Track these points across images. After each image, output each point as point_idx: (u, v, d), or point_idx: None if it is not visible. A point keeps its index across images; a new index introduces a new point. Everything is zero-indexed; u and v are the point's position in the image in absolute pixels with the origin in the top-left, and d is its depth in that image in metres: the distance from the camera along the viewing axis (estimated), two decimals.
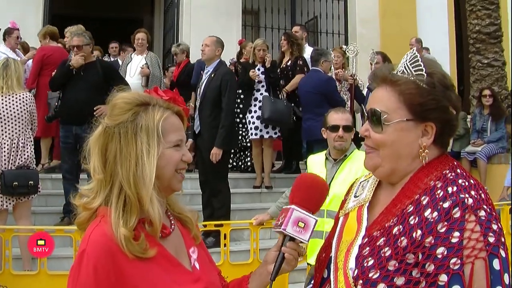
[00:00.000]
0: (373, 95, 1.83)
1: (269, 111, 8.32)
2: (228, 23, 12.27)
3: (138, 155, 1.75)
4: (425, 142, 1.73)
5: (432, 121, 1.72)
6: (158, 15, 16.04)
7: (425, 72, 1.72)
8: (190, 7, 12.32)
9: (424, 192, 1.67)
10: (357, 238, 1.77)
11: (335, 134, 4.33)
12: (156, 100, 1.84)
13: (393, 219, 1.68)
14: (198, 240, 2.01)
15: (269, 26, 12.82)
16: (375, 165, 1.79)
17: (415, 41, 11.52)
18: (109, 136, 1.79)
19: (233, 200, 8.29)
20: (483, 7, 11.13)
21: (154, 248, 1.74)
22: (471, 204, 1.58)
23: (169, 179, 1.82)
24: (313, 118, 8.18)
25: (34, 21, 11.20)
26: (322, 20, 13.49)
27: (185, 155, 1.86)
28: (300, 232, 1.83)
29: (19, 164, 6.05)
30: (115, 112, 1.81)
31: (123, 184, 1.74)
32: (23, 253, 5.75)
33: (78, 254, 1.71)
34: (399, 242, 1.61)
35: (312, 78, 8.39)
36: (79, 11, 15.71)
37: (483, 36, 11.08)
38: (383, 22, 13.40)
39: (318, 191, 1.94)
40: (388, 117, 1.73)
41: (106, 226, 1.71)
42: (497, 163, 9.13)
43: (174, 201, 1.99)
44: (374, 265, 1.63)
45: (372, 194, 1.89)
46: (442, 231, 1.55)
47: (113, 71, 7.54)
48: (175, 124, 1.85)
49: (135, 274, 1.69)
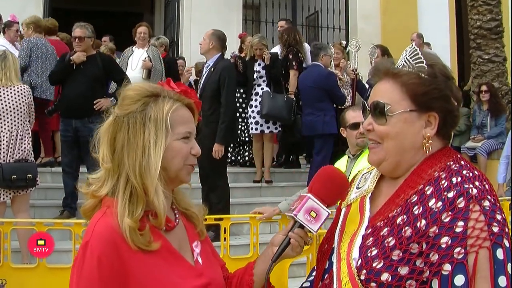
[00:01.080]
0: (376, 88, 1.84)
1: (267, 107, 8.33)
2: (228, 18, 12.25)
3: (145, 145, 1.75)
4: (428, 133, 1.74)
5: (435, 110, 1.74)
6: (158, 9, 16.03)
7: (425, 64, 1.74)
8: (191, 2, 12.30)
9: (428, 183, 1.68)
10: (360, 228, 1.78)
11: (356, 131, 4.29)
12: (167, 92, 1.84)
13: (397, 209, 1.69)
14: (203, 235, 2.01)
15: (269, 20, 12.81)
16: (380, 160, 1.80)
17: (416, 36, 11.49)
18: (118, 126, 1.80)
19: (233, 194, 8.28)
20: (484, 3, 11.11)
21: (158, 241, 1.74)
22: (475, 194, 1.58)
23: (176, 171, 1.82)
24: (313, 113, 8.19)
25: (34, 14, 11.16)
26: (323, 15, 13.48)
27: (193, 148, 1.86)
28: (310, 221, 1.83)
29: (18, 157, 6.03)
30: (125, 102, 1.82)
31: (129, 174, 1.75)
32: (22, 246, 5.74)
33: (82, 245, 1.72)
34: (403, 232, 1.62)
35: (312, 73, 8.39)
36: (79, 5, 15.70)
37: (484, 31, 11.06)
38: (384, 18, 13.39)
39: (337, 185, 1.92)
40: (392, 109, 1.74)
41: (111, 218, 1.71)
42: (497, 158, 9.14)
43: (182, 196, 2.00)
44: (378, 255, 1.63)
45: (375, 185, 1.89)
46: (446, 221, 1.56)
47: (112, 64, 7.53)
48: (185, 116, 1.85)
49: (138, 266, 1.69)
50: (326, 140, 8.24)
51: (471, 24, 11.34)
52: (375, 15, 13.41)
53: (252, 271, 1.96)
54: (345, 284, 1.71)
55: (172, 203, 1.94)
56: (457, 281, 1.52)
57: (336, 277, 1.76)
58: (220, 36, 7.28)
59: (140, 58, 8.89)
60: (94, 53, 7.25)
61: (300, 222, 1.84)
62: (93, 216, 1.78)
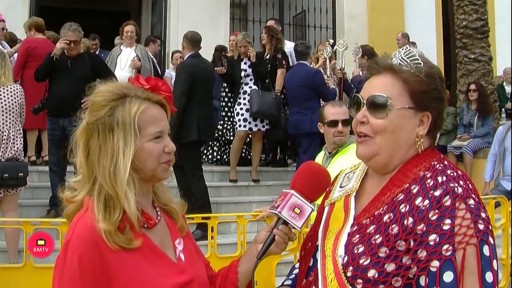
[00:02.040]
0: (373, 82, 1.83)
1: (257, 104, 8.32)
2: (216, 16, 12.25)
3: (114, 151, 1.74)
4: (421, 131, 1.77)
5: (430, 110, 1.77)
6: (146, 8, 15.97)
7: (423, 65, 1.78)
8: (178, 0, 12.28)
9: (414, 181, 1.70)
10: (345, 226, 1.79)
11: (334, 129, 4.18)
12: (135, 91, 1.81)
13: (383, 207, 1.71)
14: (184, 231, 2.00)
15: (257, 19, 12.82)
16: (372, 154, 1.79)
17: (401, 35, 11.56)
18: (89, 132, 1.79)
19: (220, 193, 8.30)
20: (470, 2, 11.17)
21: (139, 239, 1.74)
22: (460, 193, 1.61)
23: (152, 170, 1.81)
24: (300, 112, 8.20)
25: (21, 12, 11.12)
26: (310, 14, 13.50)
27: (167, 146, 1.84)
28: (294, 217, 1.84)
29: (9, 156, 6.02)
30: (93, 108, 1.80)
31: (101, 181, 1.74)
32: (10, 245, 5.73)
33: (63, 245, 1.72)
34: (390, 229, 1.64)
35: (299, 72, 8.37)
36: (66, 3, 15.63)
37: (470, 31, 11.12)
38: (371, 17, 13.44)
39: (319, 181, 1.94)
40: (392, 103, 1.75)
41: (91, 217, 1.71)
42: (482, 157, 9.18)
43: (161, 192, 1.98)
44: (364, 252, 1.65)
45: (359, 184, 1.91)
46: (433, 219, 1.59)
47: (100, 64, 7.50)
48: (154, 115, 1.82)
49: (120, 265, 1.69)
50: (313, 138, 8.23)
51: (457, 24, 11.40)
52: (362, 14, 13.46)
53: (236, 269, 1.95)
54: (330, 281, 1.72)
55: (153, 200, 1.93)
56: (446, 278, 1.55)
57: (321, 274, 1.77)
58: (188, 36, 7.56)
59: (129, 58, 8.88)
60: (82, 52, 7.23)
61: (284, 218, 1.84)
62: (75, 216, 1.79)
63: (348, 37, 10.59)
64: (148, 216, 1.82)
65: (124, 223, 1.72)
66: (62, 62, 6.95)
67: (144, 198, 1.84)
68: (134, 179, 1.76)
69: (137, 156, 1.76)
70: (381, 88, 1.78)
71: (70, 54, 6.99)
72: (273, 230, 1.87)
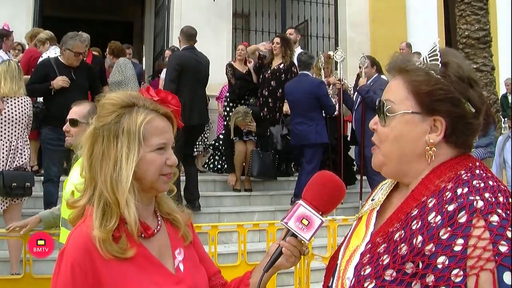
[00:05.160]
0: (388, 86, 1.67)
1: (258, 167, 8.59)
2: (218, 26, 12.26)
3: (117, 158, 1.74)
4: (432, 139, 1.53)
5: (440, 114, 1.53)
6: (148, 17, 16.01)
7: (440, 62, 1.55)
8: (181, 10, 12.30)
9: (432, 194, 1.48)
10: (361, 244, 1.60)
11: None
12: (143, 101, 1.82)
13: (397, 224, 1.51)
14: (188, 240, 1.98)
15: (259, 29, 12.84)
16: (379, 163, 1.64)
17: (405, 45, 11.55)
18: (95, 137, 1.80)
19: (222, 202, 8.30)
20: (472, 12, 11.19)
21: (133, 248, 1.74)
22: (480, 208, 1.36)
23: (152, 182, 1.81)
24: (305, 123, 8.21)
25: (24, 22, 11.16)
26: (313, 24, 13.51)
27: (169, 158, 1.83)
28: (302, 229, 1.75)
29: (17, 166, 6.06)
30: (101, 113, 1.81)
31: (102, 187, 1.75)
32: (12, 255, 5.72)
33: (59, 253, 1.74)
34: (398, 249, 1.43)
35: (303, 82, 8.37)
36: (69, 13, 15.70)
37: (472, 41, 11.14)
38: (373, 27, 13.45)
39: (331, 191, 1.82)
40: (393, 108, 1.58)
41: (88, 225, 1.72)
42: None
43: (163, 201, 1.97)
44: (370, 274, 1.46)
45: (387, 196, 1.72)
46: (444, 238, 1.36)
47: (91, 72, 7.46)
48: (159, 127, 1.82)
49: (112, 274, 1.69)
50: (317, 149, 8.27)
51: (460, 34, 11.42)
52: (364, 24, 13.47)
53: (248, 281, 1.94)
54: None
55: (155, 209, 1.93)
56: None
57: None
58: (183, 31, 8.15)
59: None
60: (83, 62, 7.23)
61: (291, 230, 1.77)
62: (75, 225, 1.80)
63: (350, 47, 10.63)
64: (145, 226, 1.82)
65: (120, 232, 1.72)
66: (65, 72, 6.94)
67: (143, 208, 1.83)
68: (135, 188, 1.76)
69: (138, 165, 1.76)
70: (390, 92, 1.62)
71: (75, 65, 6.98)
72: (280, 242, 1.81)
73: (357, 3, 13.51)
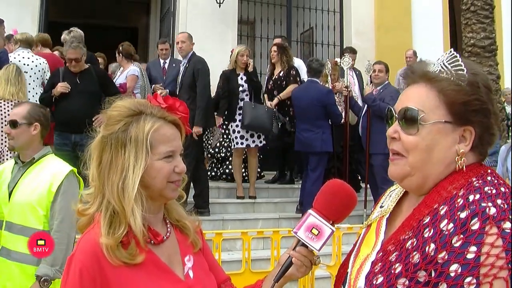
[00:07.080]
0: (407, 92, 1.63)
1: (249, 117, 8.30)
2: (223, 33, 12.27)
3: (124, 166, 1.74)
4: (462, 149, 1.53)
5: (472, 125, 1.53)
6: (154, 24, 16.04)
7: (466, 72, 1.54)
8: (186, 17, 12.31)
9: (444, 201, 1.48)
10: (372, 253, 1.59)
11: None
12: (151, 109, 1.82)
13: (409, 232, 1.50)
14: (197, 247, 1.98)
15: (264, 36, 12.84)
16: (404, 174, 1.58)
17: (412, 53, 11.55)
18: (103, 146, 1.79)
19: (226, 209, 8.29)
20: (478, 21, 11.17)
21: (142, 254, 1.73)
22: (493, 214, 1.36)
23: (160, 189, 1.80)
24: (311, 130, 8.19)
25: (30, 27, 11.17)
26: (318, 31, 13.51)
27: (177, 166, 1.82)
28: (312, 239, 1.74)
29: None
30: (109, 122, 1.81)
31: (109, 195, 1.75)
32: None
33: (68, 259, 1.75)
34: (410, 257, 1.43)
35: (311, 90, 8.35)
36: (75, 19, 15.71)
37: (478, 49, 11.12)
38: (378, 34, 13.45)
39: (342, 200, 1.80)
40: (425, 117, 1.54)
41: (96, 232, 1.73)
42: None
43: (172, 208, 1.97)
44: (382, 283, 1.45)
45: (397, 204, 1.71)
46: (456, 246, 1.36)
47: (107, 79, 7.52)
48: (167, 135, 1.81)
49: (120, 280, 1.69)
50: (322, 157, 8.25)
51: (465, 42, 11.40)
52: (370, 31, 13.47)
53: None
54: None
55: (164, 216, 1.92)
56: None
57: None
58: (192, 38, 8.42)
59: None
60: (88, 67, 7.25)
61: (300, 239, 1.76)
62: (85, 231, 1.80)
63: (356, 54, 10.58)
64: (155, 233, 1.81)
65: (129, 239, 1.72)
66: (70, 78, 6.97)
67: (152, 215, 1.83)
68: (142, 196, 1.75)
69: (146, 173, 1.75)
70: (414, 100, 1.57)
71: (74, 70, 7.01)
72: (291, 252, 1.80)
73: (363, 11, 13.52)
